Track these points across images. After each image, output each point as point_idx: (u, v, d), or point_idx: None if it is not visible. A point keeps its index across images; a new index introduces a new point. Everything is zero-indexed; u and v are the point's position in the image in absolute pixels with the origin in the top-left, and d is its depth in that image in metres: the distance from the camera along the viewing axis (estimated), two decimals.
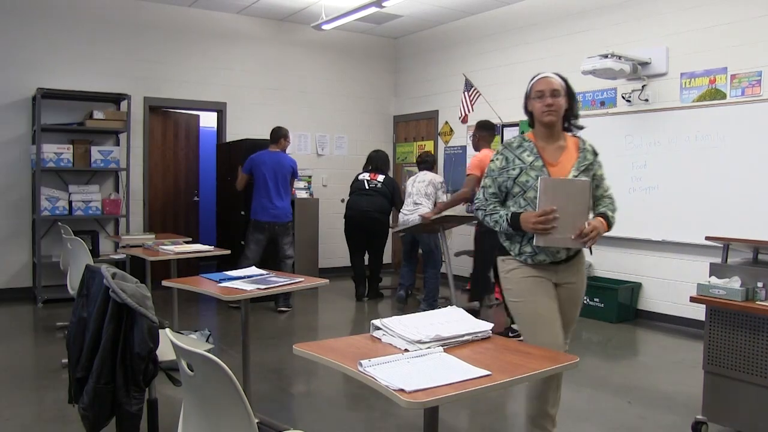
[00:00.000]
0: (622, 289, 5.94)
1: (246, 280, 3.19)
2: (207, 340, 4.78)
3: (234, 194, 6.84)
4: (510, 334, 5.01)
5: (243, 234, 6.44)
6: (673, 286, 5.79)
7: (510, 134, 7.30)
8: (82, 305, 2.39)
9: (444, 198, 6.45)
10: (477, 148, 5.82)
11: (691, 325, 5.59)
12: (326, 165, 8.70)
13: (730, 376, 3.15)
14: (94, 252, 6.55)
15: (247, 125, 7.98)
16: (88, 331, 2.28)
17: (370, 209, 6.75)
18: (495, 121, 7.39)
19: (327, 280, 3.38)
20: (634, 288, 6.05)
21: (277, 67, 8.30)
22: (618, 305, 5.89)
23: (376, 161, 6.97)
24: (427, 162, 6.72)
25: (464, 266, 7.95)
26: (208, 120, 8.55)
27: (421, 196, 6.41)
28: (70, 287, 4.47)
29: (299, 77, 8.48)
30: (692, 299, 3.26)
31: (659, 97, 5.86)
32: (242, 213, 6.70)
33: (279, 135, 6.33)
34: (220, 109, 7.92)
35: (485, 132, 5.81)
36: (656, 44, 5.87)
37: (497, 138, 7.48)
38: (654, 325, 5.85)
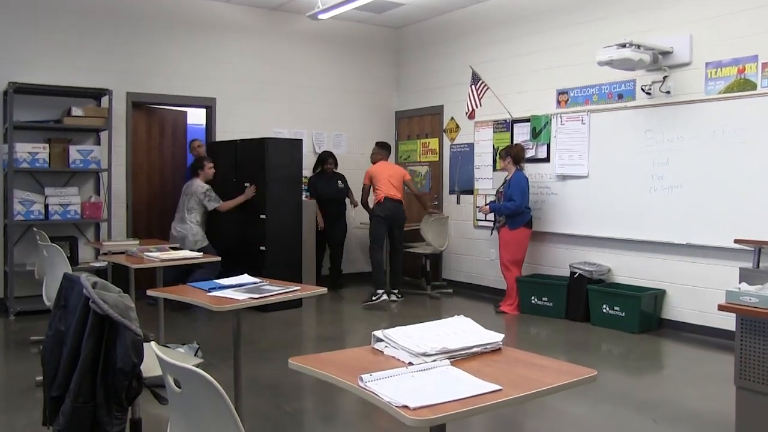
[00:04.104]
0: (644, 296, 5.93)
1: (238, 289, 3.19)
2: (196, 354, 4.77)
3: (226, 197, 6.98)
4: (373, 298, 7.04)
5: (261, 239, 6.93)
6: (699, 293, 5.77)
7: (521, 131, 7.30)
8: (59, 317, 2.38)
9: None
10: (374, 162, 7.55)
11: (719, 335, 5.57)
12: None
13: (764, 392, 3.13)
14: (73, 259, 6.55)
15: (239, 122, 7.99)
16: (65, 346, 2.27)
17: None
18: (505, 116, 7.43)
19: (324, 289, 3.38)
20: (658, 295, 6.04)
21: (270, 60, 8.30)
22: (640, 314, 5.88)
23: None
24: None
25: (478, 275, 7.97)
26: (196, 117, 8.56)
27: None
28: (46, 298, 4.47)
29: (294, 71, 8.48)
30: (721, 307, 3.24)
31: (682, 89, 5.86)
32: (262, 216, 6.92)
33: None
34: (209, 105, 7.93)
35: (384, 151, 7.74)
36: (679, 31, 5.86)
37: (506, 135, 7.48)
38: (679, 335, 5.84)
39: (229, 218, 7.19)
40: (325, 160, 8.00)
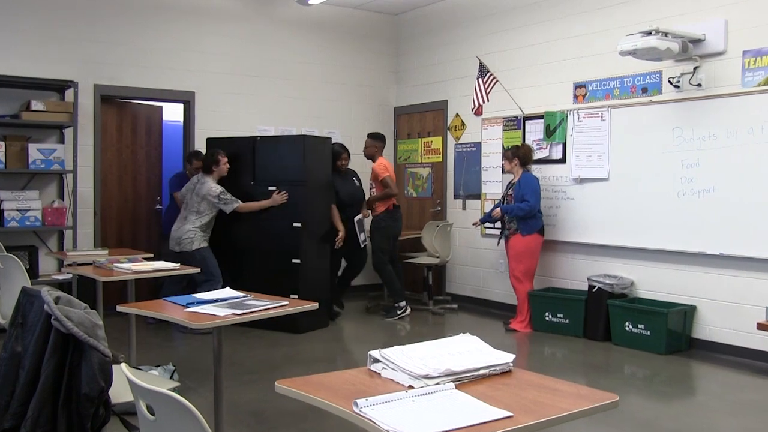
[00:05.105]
0: (672, 313, 5.93)
1: (219, 304, 3.19)
2: (171, 377, 4.76)
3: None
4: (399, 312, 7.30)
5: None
6: (735, 310, 5.77)
7: (533, 128, 7.31)
8: (15, 337, 2.37)
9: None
10: (374, 159, 7.55)
11: (759, 357, 5.57)
12: None
13: None
14: (32, 272, 6.53)
15: (220, 119, 7.99)
16: (22, 369, 2.27)
17: None
18: (515, 112, 7.44)
19: (315, 304, 3.38)
20: (687, 312, 6.04)
21: (255, 51, 8.31)
22: (667, 333, 5.88)
23: None
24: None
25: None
26: (173, 112, 8.56)
27: None
28: (1, 316, 4.46)
29: (281, 62, 8.49)
30: (760, 326, 3.23)
31: (715, 81, 5.87)
32: (295, 225, 6.76)
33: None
34: (187, 100, 7.93)
35: (381, 143, 7.65)
36: (712, 16, 5.87)
37: (517, 133, 7.50)
38: (712, 357, 5.83)
39: (256, 226, 6.90)
40: (339, 154, 7.32)
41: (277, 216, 6.82)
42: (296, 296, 6.17)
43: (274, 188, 6.83)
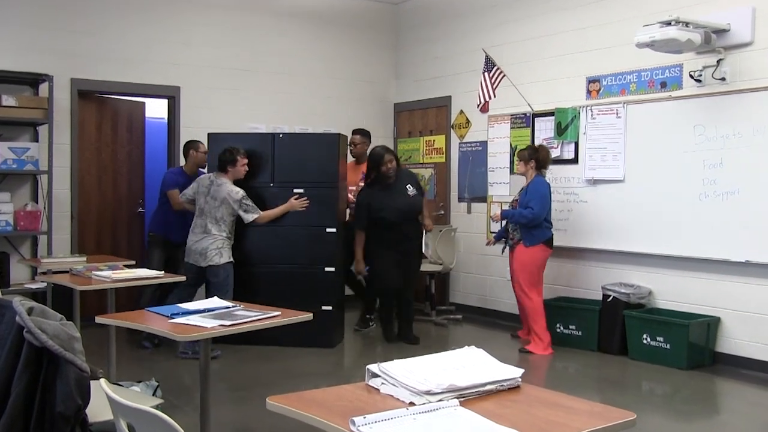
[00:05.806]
0: (694, 325, 5.93)
1: (206, 315, 3.19)
2: (154, 394, 4.75)
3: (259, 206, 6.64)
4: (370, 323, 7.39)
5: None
6: (762, 322, 5.77)
7: (543, 126, 7.31)
8: None
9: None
10: (362, 159, 7.35)
11: None
12: None
13: None
14: (3, 280, 6.53)
15: (207, 116, 7.98)
16: None
17: None
18: (524, 109, 7.44)
19: (310, 315, 3.38)
20: (710, 324, 6.04)
21: (245, 43, 8.32)
22: (689, 346, 5.88)
23: None
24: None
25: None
26: (156, 109, 8.57)
27: None
28: None
29: (273, 55, 8.50)
30: None
31: (741, 75, 5.87)
32: (329, 230, 6.66)
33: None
34: (172, 95, 7.93)
35: (370, 141, 7.60)
36: (737, 4, 5.87)
37: (526, 131, 7.50)
38: (737, 372, 5.83)
39: (280, 232, 6.72)
40: (381, 157, 6.66)
41: (305, 221, 6.66)
42: (330, 308, 6.35)
43: (301, 191, 6.64)
